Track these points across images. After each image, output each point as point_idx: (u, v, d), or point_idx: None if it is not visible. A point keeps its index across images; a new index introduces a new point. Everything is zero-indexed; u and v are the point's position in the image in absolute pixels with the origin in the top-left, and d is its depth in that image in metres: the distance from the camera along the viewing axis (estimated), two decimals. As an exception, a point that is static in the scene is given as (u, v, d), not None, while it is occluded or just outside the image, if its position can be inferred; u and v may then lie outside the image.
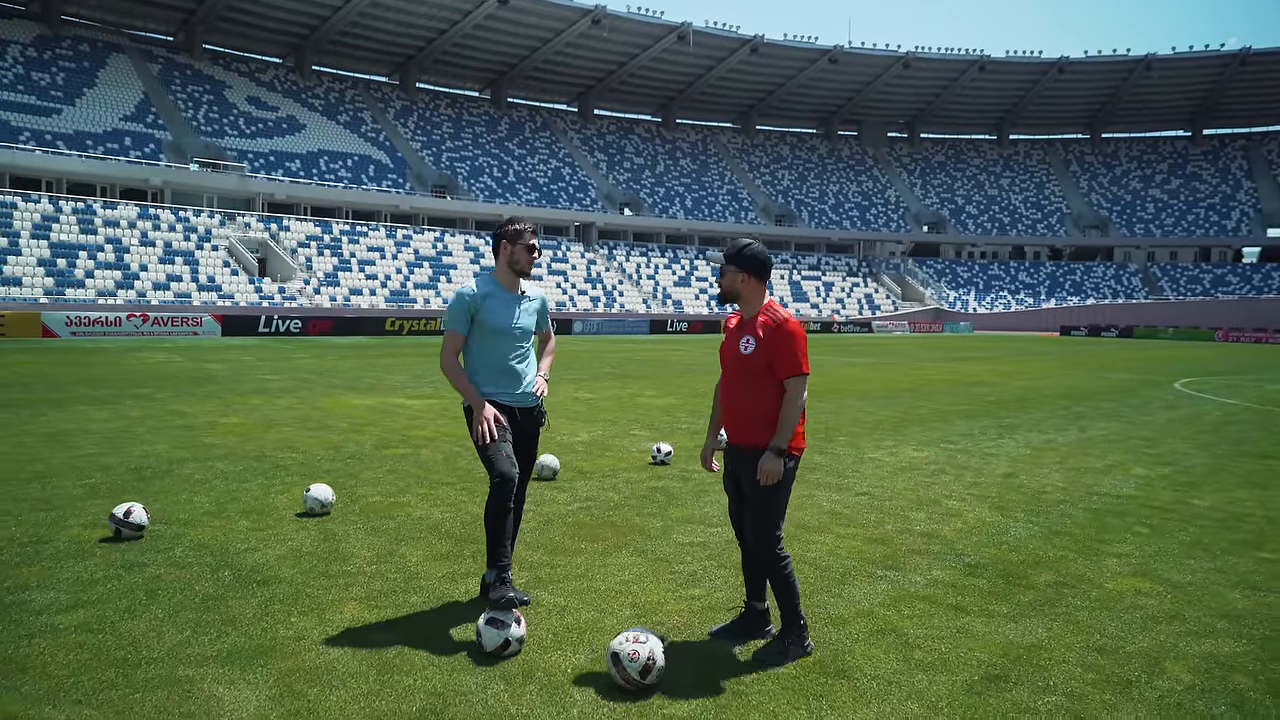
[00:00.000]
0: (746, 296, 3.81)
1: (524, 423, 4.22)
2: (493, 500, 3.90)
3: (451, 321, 4.10)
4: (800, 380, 3.69)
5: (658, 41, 65.61)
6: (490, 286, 4.17)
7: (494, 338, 4.11)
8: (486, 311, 4.10)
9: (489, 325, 4.10)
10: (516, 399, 4.17)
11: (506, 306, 4.17)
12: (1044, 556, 5.28)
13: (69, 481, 6.67)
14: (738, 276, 3.80)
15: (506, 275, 4.22)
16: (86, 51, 50.78)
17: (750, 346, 3.71)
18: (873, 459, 8.58)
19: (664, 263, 62.71)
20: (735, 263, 3.81)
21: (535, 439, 4.35)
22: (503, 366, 4.14)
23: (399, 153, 58.97)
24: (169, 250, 41.29)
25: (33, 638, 3.70)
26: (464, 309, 4.09)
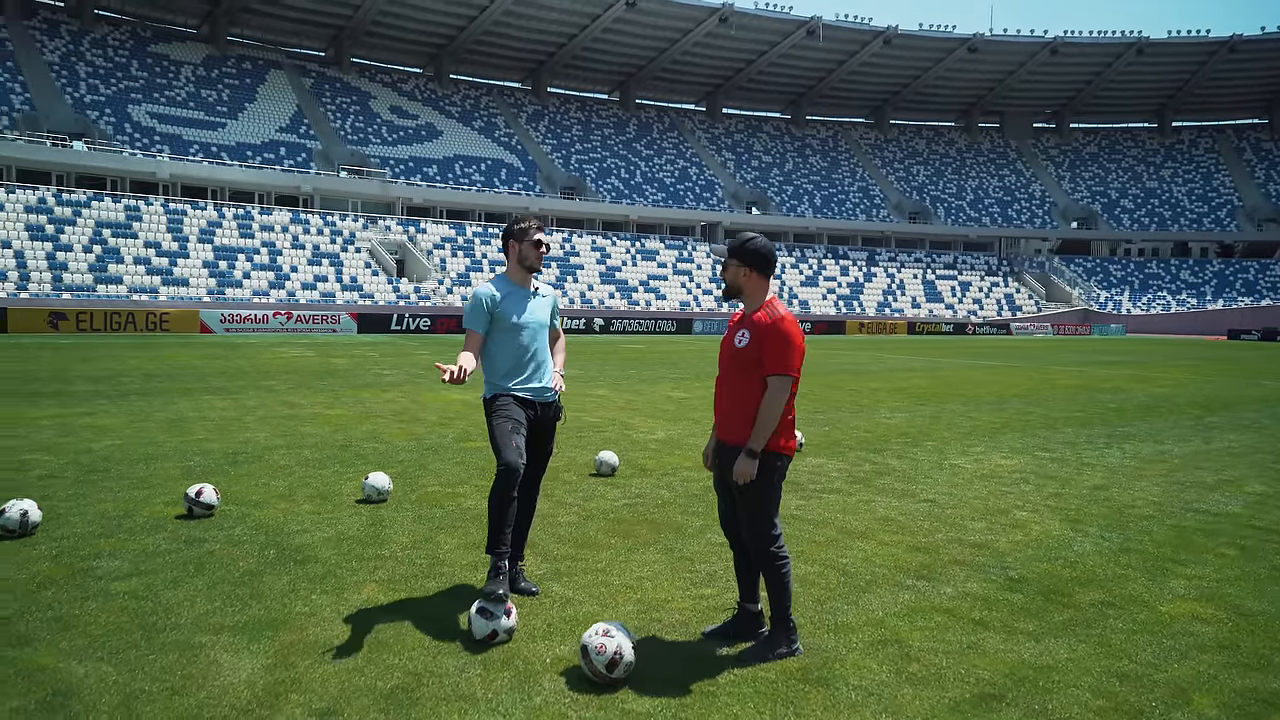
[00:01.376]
0: (749, 291, 3.76)
1: (542, 417, 4.33)
2: (496, 487, 4.02)
3: (470, 321, 4.25)
4: (783, 380, 3.61)
5: (786, 38, 64.74)
6: (505, 287, 4.31)
7: (512, 333, 4.25)
8: (504, 308, 4.23)
9: (507, 320, 4.23)
10: (535, 393, 4.29)
11: (521, 302, 4.29)
12: (1101, 574, 4.93)
13: (171, 463, 7.30)
14: (740, 271, 3.75)
15: (518, 273, 4.34)
16: (248, 69, 54.97)
17: (745, 340, 3.68)
18: (953, 465, 8.21)
19: (790, 262, 61.81)
20: (738, 257, 3.76)
21: (552, 433, 4.45)
22: (521, 360, 4.26)
23: (530, 156, 60.75)
24: (317, 252, 44.15)
25: (86, 600, 4.10)
26: (482, 309, 4.23)
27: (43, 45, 47.96)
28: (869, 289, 61.01)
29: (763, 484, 3.67)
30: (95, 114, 45.28)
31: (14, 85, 44.16)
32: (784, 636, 3.69)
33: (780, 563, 3.72)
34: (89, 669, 3.37)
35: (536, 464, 4.43)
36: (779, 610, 3.71)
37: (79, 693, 3.18)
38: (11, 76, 44.60)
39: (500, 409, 4.16)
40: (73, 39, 49.56)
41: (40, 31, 48.84)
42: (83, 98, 45.99)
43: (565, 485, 6.91)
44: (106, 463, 7.28)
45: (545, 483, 6.97)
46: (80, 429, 9.00)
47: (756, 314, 3.71)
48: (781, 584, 3.71)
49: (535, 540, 5.30)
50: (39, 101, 44.13)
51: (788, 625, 3.71)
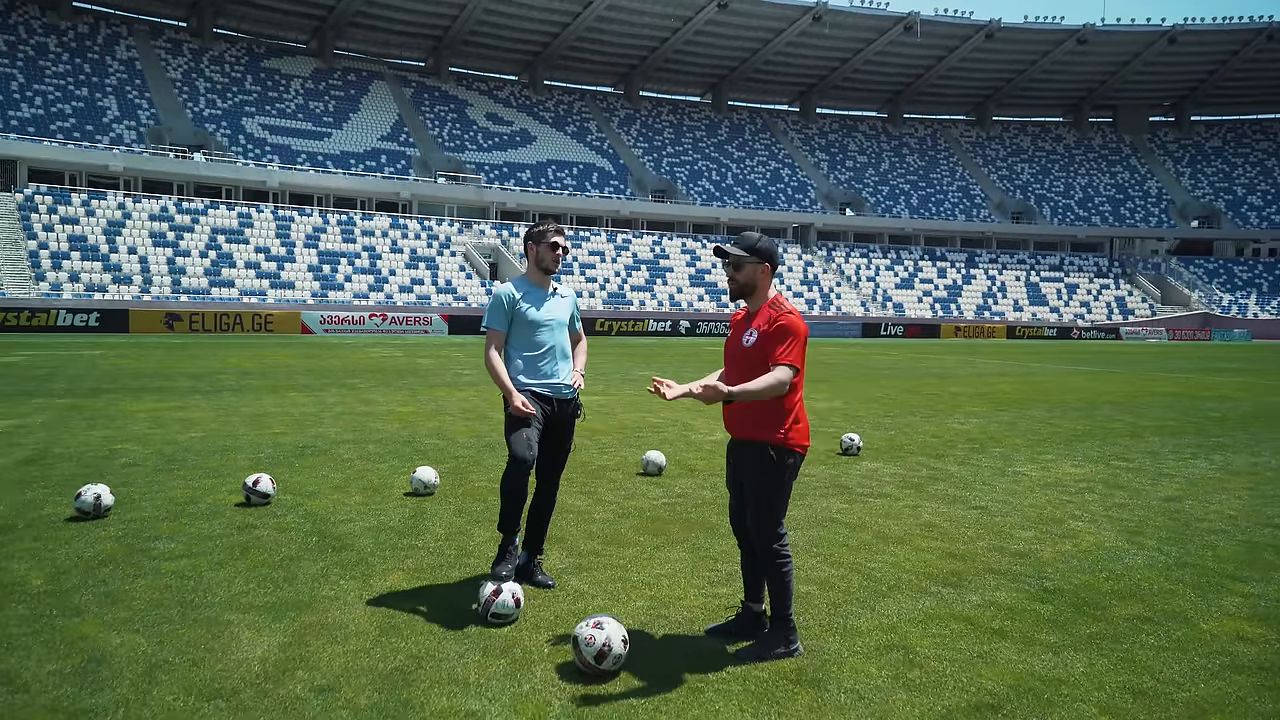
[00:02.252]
0: (761, 289, 3.78)
1: (558, 413, 4.43)
2: (505, 477, 4.20)
3: (491, 320, 4.40)
4: (786, 369, 3.58)
5: (882, 34, 63.36)
6: (524, 287, 4.44)
7: (531, 330, 4.37)
8: (522, 307, 4.36)
9: (526, 318, 4.36)
10: (553, 389, 4.40)
11: (540, 301, 4.42)
12: (1145, 588, 4.70)
13: (243, 455, 7.74)
14: (757, 268, 3.77)
15: (536, 274, 4.46)
16: (353, 81, 57.36)
17: (752, 339, 3.69)
18: (1018, 473, 7.93)
19: (885, 264, 60.49)
20: (756, 253, 3.76)
21: (570, 430, 4.54)
22: (539, 357, 4.38)
23: (621, 160, 61.31)
24: (414, 256, 45.72)
25: (137, 577, 4.42)
26: (502, 308, 4.37)
27: (167, 64, 51.25)
28: (967, 291, 59.08)
29: (773, 482, 3.68)
30: (213, 127, 48.09)
31: (141, 101, 47.34)
32: (783, 636, 3.69)
33: (782, 561, 3.72)
34: (124, 639, 3.64)
35: (554, 460, 4.53)
36: (779, 610, 3.71)
37: (110, 660, 3.44)
38: (139, 93, 47.83)
39: (512, 415, 4.29)
40: (194, 56, 52.77)
41: (165, 51, 52.20)
42: (202, 112, 48.92)
43: (609, 483, 7.00)
44: (186, 453, 7.77)
45: (588, 480, 7.09)
46: (171, 421, 9.63)
47: (765, 312, 3.73)
48: (783, 583, 3.70)
49: (565, 535, 5.41)
50: (163, 116, 47.16)
51: (788, 625, 3.70)
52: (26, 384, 13.11)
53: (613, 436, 9.46)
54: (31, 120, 42.38)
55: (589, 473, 7.40)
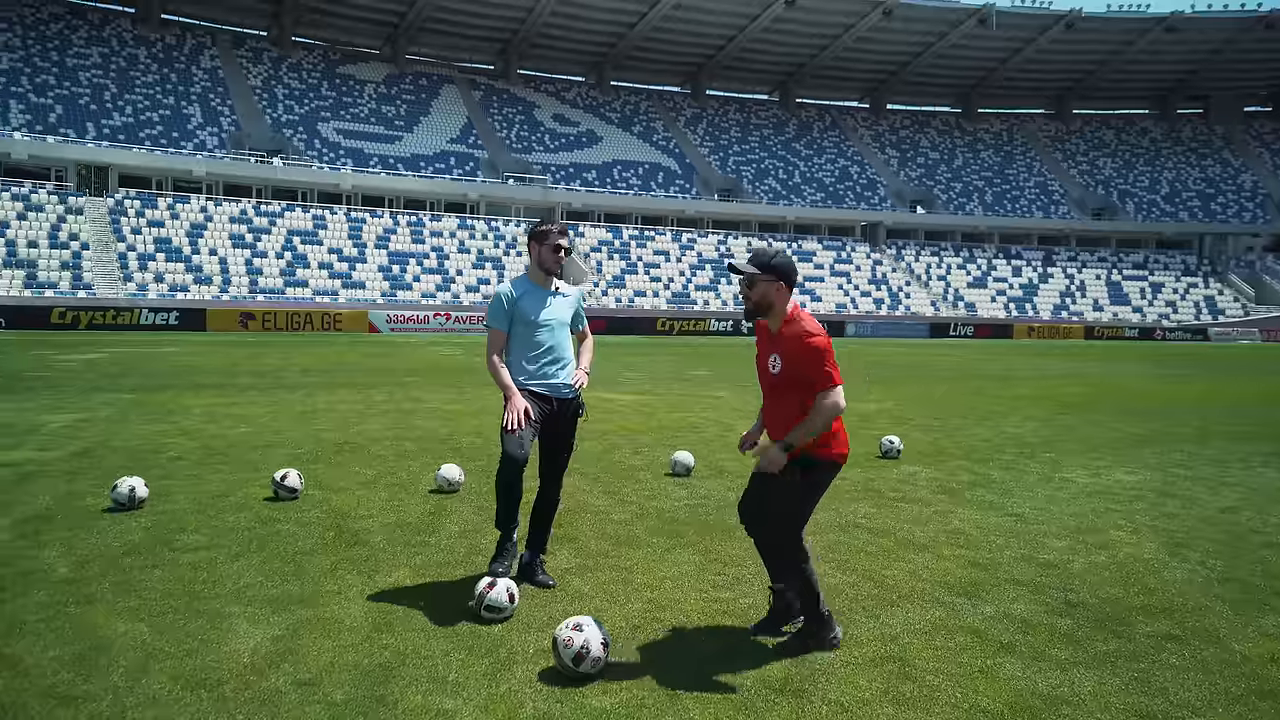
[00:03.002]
0: (779, 307, 3.71)
1: (558, 412, 4.42)
2: (499, 473, 4.23)
3: (492, 320, 4.41)
4: (832, 391, 3.56)
5: (955, 27, 61.77)
6: (525, 286, 4.43)
7: (530, 330, 4.37)
8: (522, 307, 4.36)
9: (525, 319, 4.36)
10: (552, 389, 4.39)
11: (540, 301, 4.40)
12: (1179, 604, 4.44)
13: (284, 451, 7.95)
14: (773, 286, 3.67)
15: (537, 274, 4.45)
16: (424, 85, 58.59)
17: (778, 366, 3.68)
18: (1064, 479, 7.60)
19: (957, 262, 58.99)
20: (771, 271, 3.66)
21: (573, 429, 4.53)
22: (538, 356, 4.38)
23: (687, 159, 61.18)
24: (481, 256, 46.47)
25: (154, 568, 4.56)
26: (502, 307, 4.38)
27: (248, 72, 53.18)
28: (1044, 291, 57.18)
29: (806, 488, 3.71)
30: (290, 132, 49.70)
31: (223, 109, 49.23)
32: (816, 627, 3.74)
33: (802, 563, 3.74)
34: (128, 628, 3.76)
35: (555, 460, 4.52)
36: (809, 606, 3.74)
37: (110, 648, 3.55)
38: (221, 100, 49.74)
39: (508, 410, 4.29)
40: (273, 64, 54.64)
41: (246, 60, 54.18)
42: (280, 117, 50.61)
43: (636, 483, 6.96)
44: (230, 448, 8.02)
45: (615, 480, 7.06)
46: (224, 417, 9.96)
47: (784, 333, 3.68)
48: (805, 582, 3.72)
49: (578, 535, 5.39)
50: (244, 122, 48.96)
51: (821, 618, 3.73)
52: (100, 380, 13.74)
53: (651, 436, 9.42)
54: (122, 128, 44.47)
55: (618, 473, 7.37)
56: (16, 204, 38.13)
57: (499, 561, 4.28)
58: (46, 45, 47.66)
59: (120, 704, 3.10)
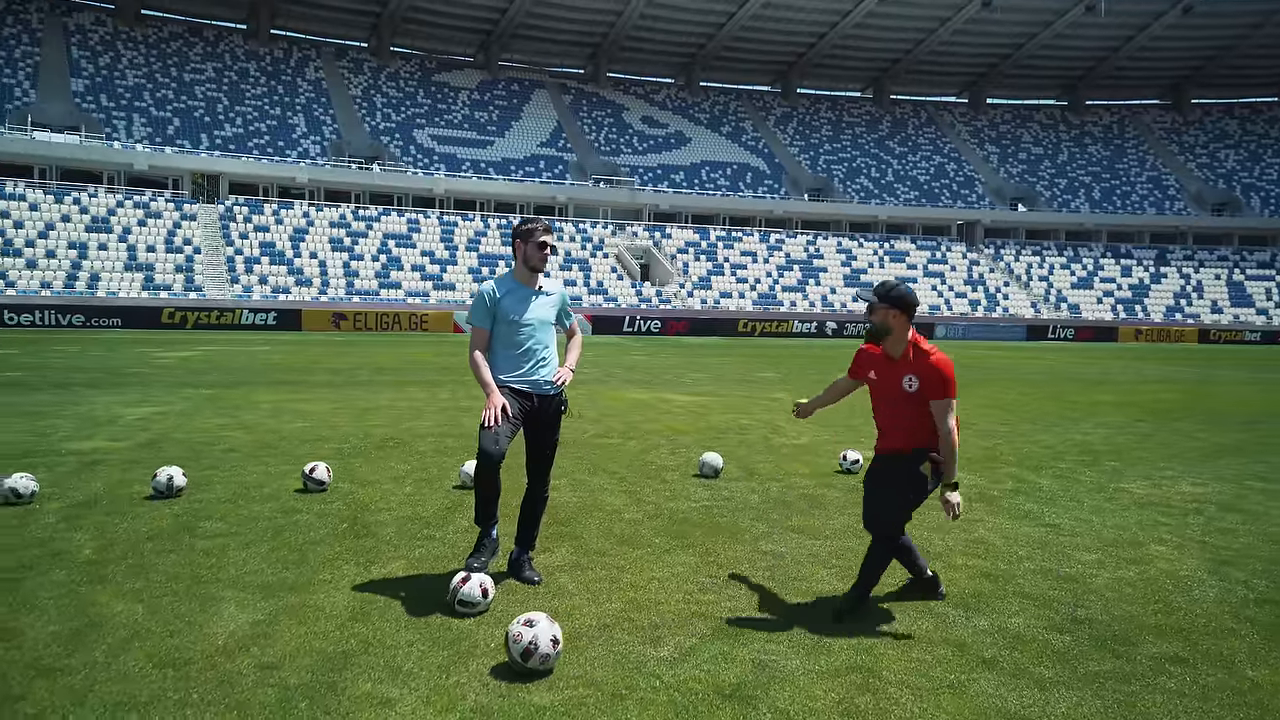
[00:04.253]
0: (898, 333, 4.18)
1: (540, 409, 4.44)
2: (475, 470, 4.28)
3: (473, 318, 4.48)
4: (945, 403, 4.10)
5: (1061, 16, 59.14)
6: (509, 284, 4.47)
7: (512, 328, 4.41)
8: (504, 306, 4.40)
9: (508, 317, 4.40)
10: (533, 385, 4.42)
11: (523, 300, 4.44)
12: (1201, 625, 4.14)
13: (331, 445, 8.25)
14: (890, 313, 4.16)
15: (523, 272, 4.49)
16: (515, 90, 59.83)
17: (914, 385, 4.14)
18: (1119, 489, 7.18)
19: (1060, 262, 56.49)
20: (887, 301, 4.15)
21: (555, 426, 4.54)
22: (520, 355, 4.41)
23: (776, 159, 60.54)
24: (568, 258, 47.09)
25: (169, 553, 4.81)
26: (484, 306, 4.43)
27: (349, 82, 55.42)
28: (1155, 291, 54.12)
29: (917, 483, 4.15)
30: (387, 139, 51.54)
31: (325, 118, 51.45)
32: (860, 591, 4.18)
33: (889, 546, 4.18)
34: (125, 608, 3.98)
35: (539, 457, 4.55)
36: (864, 577, 4.18)
37: (103, 626, 3.76)
38: (324, 110, 52.00)
39: (488, 406, 4.35)
40: (372, 74, 56.79)
41: (348, 70, 56.48)
42: (378, 125, 52.54)
43: (660, 483, 6.94)
44: (282, 441, 8.38)
45: (639, 479, 7.05)
46: (287, 412, 10.41)
47: (914, 357, 4.16)
48: (875, 568, 4.18)
49: (582, 533, 5.41)
50: (344, 130, 51.04)
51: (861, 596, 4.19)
52: (188, 376, 14.57)
53: (695, 437, 9.36)
54: (233, 138, 47.02)
55: (646, 472, 7.36)
56: (138, 211, 40.79)
57: (475, 556, 4.34)
58: (167, 62, 50.84)
59: (92, 678, 3.28)
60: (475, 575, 4.03)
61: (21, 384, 12.69)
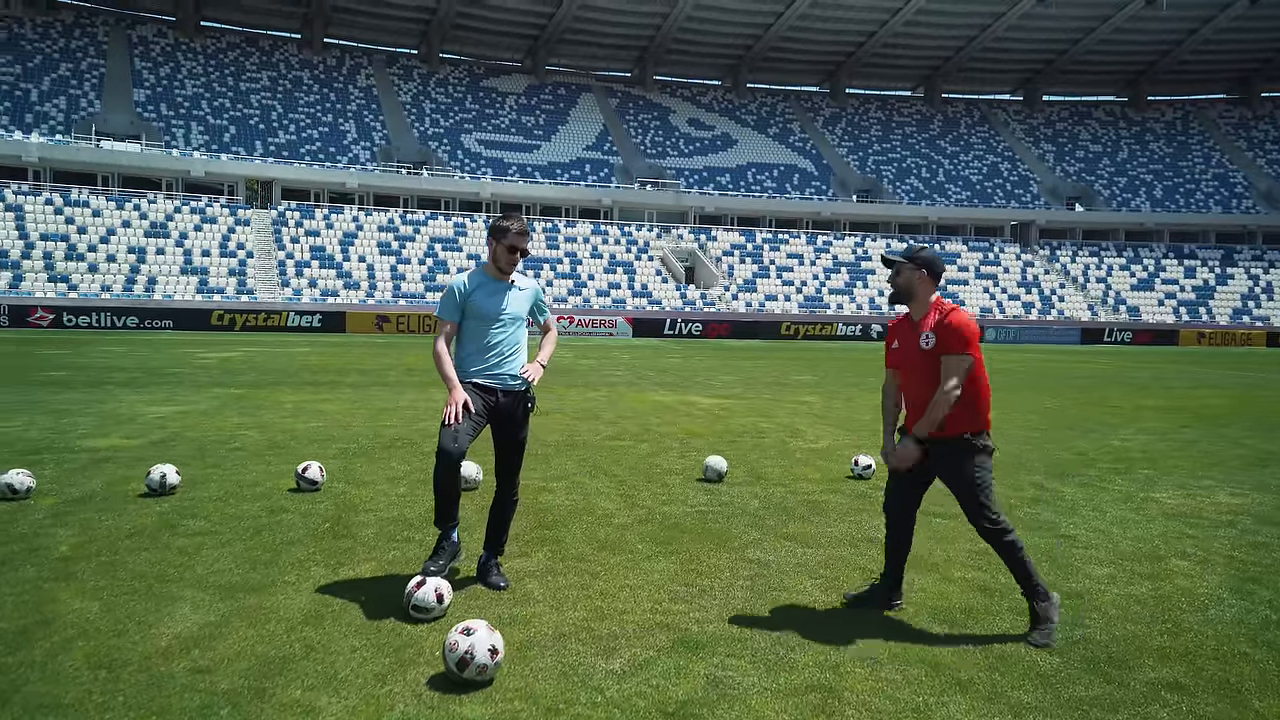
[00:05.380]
0: (922, 296, 3.99)
1: (505, 404, 4.31)
2: (435, 469, 4.14)
3: (442, 311, 4.36)
4: (958, 359, 3.82)
5: (1120, 9, 57.32)
6: (480, 279, 4.35)
7: (484, 324, 4.29)
8: (475, 300, 4.28)
9: (478, 312, 4.28)
10: (497, 380, 4.29)
11: (494, 295, 4.31)
12: (1210, 649, 3.81)
13: (338, 445, 8.23)
14: (916, 274, 3.98)
15: (494, 268, 4.35)
16: (562, 95, 60.10)
17: (930, 342, 3.90)
18: (1148, 499, 6.78)
19: (1120, 263, 54.69)
20: (915, 262, 3.98)
21: (521, 423, 4.40)
22: (487, 349, 4.29)
23: (824, 160, 59.78)
24: (613, 261, 47.10)
25: (143, 550, 4.78)
26: (454, 300, 4.32)
27: (399, 89, 56.27)
28: (1222, 293, 52.06)
29: (969, 467, 3.88)
30: (435, 144, 52.17)
31: (375, 124, 52.30)
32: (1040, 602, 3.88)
33: (1008, 539, 3.89)
34: (81, 606, 3.93)
35: (507, 456, 4.42)
36: (1027, 585, 3.91)
37: (52, 623, 3.72)
38: (374, 116, 52.87)
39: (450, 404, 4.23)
40: (421, 81, 57.57)
41: (398, 77, 57.35)
42: (426, 131, 53.22)
43: (660, 486, 6.75)
44: (292, 441, 8.39)
45: (640, 482, 6.87)
46: (305, 412, 10.46)
47: (933, 316, 3.94)
48: (1017, 559, 3.90)
49: (565, 538, 5.25)
50: (393, 136, 51.82)
51: (1038, 591, 3.88)
52: (223, 376, 14.80)
53: (709, 440, 9.14)
54: (286, 145, 48.04)
55: (647, 475, 7.18)
56: (194, 216, 41.91)
57: (433, 559, 4.21)
58: (224, 72, 52.20)
59: (24, 677, 3.22)
60: (431, 580, 3.91)
61: (60, 383, 13.01)
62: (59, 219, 39.21)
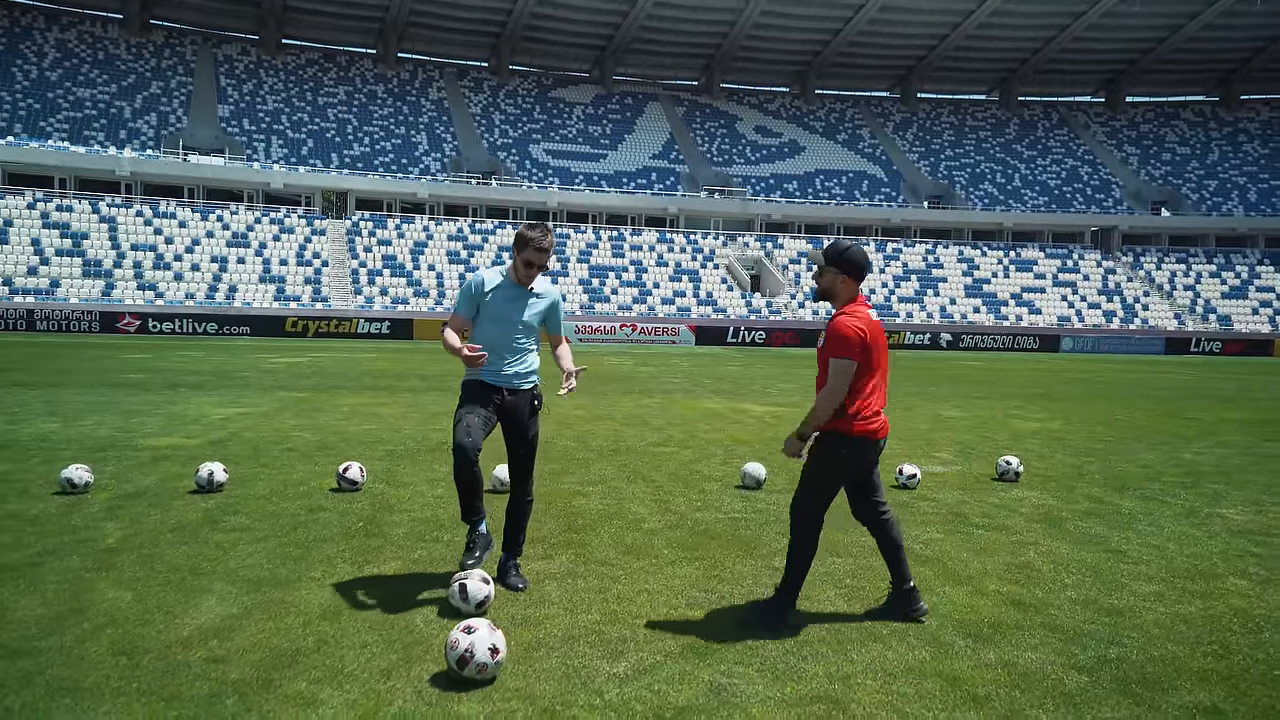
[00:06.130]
0: (841, 296, 3.96)
1: (510, 403, 4.33)
2: (454, 466, 4.17)
3: (457, 305, 4.39)
4: (838, 363, 3.79)
5: (1210, 6, 54.87)
6: (500, 280, 4.36)
7: (493, 325, 4.31)
8: (489, 302, 4.30)
9: (492, 312, 4.31)
10: (502, 379, 4.31)
11: (510, 301, 4.31)
12: (1259, 673, 3.58)
13: (385, 447, 8.39)
14: (837, 277, 3.94)
15: (516, 274, 4.35)
16: (629, 104, 60.44)
17: (822, 340, 3.94)
18: (1213, 514, 6.42)
19: (1210, 270, 52.22)
20: (835, 263, 3.93)
21: (531, 422, 4.42)
22: (496, 349, 4.30)
23: (894, 165, 58.72)
24: (678, 269, 47.07)
25: (185, 544, 4.94)
26: (470, 296, 4.34)
27: (469, 100, 57.40)
28: (1322, 302, 49.21)
29: (821, 462, 3.89)
30: (504, 154, 53.03)
31: (446, 135, 53.43)
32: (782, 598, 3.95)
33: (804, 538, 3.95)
34: (116, 595, 4.08)
35: (518, 455, 4.44)
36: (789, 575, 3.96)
37: (85, 611, 3.87)
38: (445, 128, 54.03)
39: (463, 396, 4.27)
40: (491, 92, 58.62)
41: (468, 89, 58.51)
42: (495, 141, 54.14)
43: (697, 492, 6.68)
44: (342, 442, 8.58)
45: (678, 487, 6.81)
46: (361, 415, 10.70)
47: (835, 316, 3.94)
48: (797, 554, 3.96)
49: (593, 541, 5.24)
50: (463, 147, 52.85)
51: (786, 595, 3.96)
52: (289, 380, 15.26)
53: (754, 447, 9.03)
54: (360, 157, 49.46)
55: (685, 480, 7.12)
56: (273, 226, 43.44)
57: (468, 553, 4.21)
58: (303, 87, 54.07)
59: (50, 661, 3.35)
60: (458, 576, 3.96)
61: (137, 385, 13.60)
62: (148, 230, 41.10)
